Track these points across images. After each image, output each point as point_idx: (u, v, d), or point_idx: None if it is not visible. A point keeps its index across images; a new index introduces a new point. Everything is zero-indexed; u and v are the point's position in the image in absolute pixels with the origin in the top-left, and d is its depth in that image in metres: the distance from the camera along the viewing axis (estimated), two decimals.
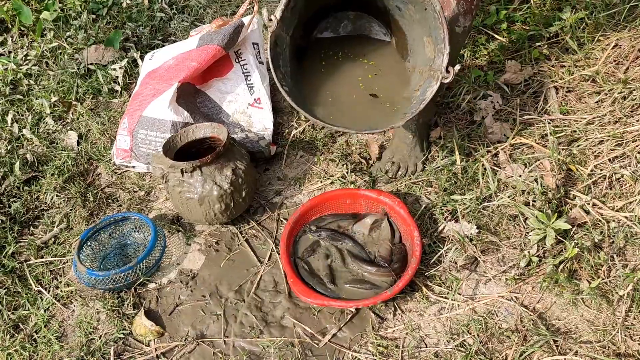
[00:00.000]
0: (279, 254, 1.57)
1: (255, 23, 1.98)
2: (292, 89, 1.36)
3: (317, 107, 1.41)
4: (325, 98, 1.44)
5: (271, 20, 1.25)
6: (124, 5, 2.63)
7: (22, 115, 2.20)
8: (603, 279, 1.33)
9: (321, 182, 1.77)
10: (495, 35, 2.04)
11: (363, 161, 1.80)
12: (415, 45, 1.41)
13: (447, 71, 1.26)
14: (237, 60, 1.94)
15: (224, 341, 1.41)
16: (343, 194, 1.63)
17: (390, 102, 1.44)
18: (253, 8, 1.98)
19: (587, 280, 1.33)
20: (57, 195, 1.86)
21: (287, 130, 1.97)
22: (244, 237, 1.66)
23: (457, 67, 1.26)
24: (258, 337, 1.40)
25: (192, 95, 1.92)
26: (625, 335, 1.24)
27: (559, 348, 1.25)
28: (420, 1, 1.24)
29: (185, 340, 1.42)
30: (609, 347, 1.24)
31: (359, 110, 1.45)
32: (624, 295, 1.28)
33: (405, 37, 1.45)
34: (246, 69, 1.93)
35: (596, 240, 1.38)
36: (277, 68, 1.30)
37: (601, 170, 1.53)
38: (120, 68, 2.30)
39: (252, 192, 1.66)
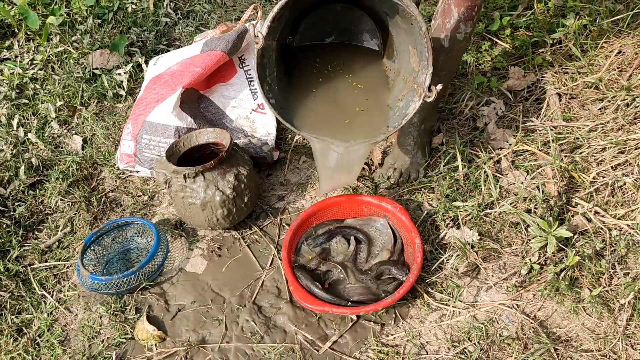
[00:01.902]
0: (280, 260, 1.57)
1: None
2: (279, 98, 1.35)
3: (304, 119, 1.40)
4: (312, 114, 1.43)
5: (257, 36, 1.24)
6: (130, 10, 2.64)
7: (28, 120, 2.22)
8: (604, 287, 1.33)
9: None
10: (499, 42, 2.04)
11: (365, 167, 1.80)
12: (401, 50, 1.40)
13: (430, 90, 1.26)
14: (240, 66, 1.95)
15: (225, 346, 1.42)
16: (345, 200, 1.63)
17: (375, 114, 1.43)
18: (257, 14, 1.98)
19: (588, 289, 1.32)
20: (61, 200, 1.87)
21: (290, 136, 1.98)
22: (246, 242, 1.67)
23: (439, 86, 1.24)
24: (259, 343, 1.41)
25: (195, 101, 1.93)
26: (626, 344, 1.24)
27: (560, 356, 1.25)
28: (407, 16, 1.23)
29: (186, 345, 1.43)
30: (609, 355, 1.23)
31: (345, 124, 1.43)
32: (625, 303, 1.28)
33: (392, 38, 1.44)
34: (250, 75, 1.94)
35: (598, 248, 1.38)
36: (264, 79, 1.30)
37: (603, 177, 1.52)
38: (125, 73, 2.31)
39: (254, 198, 1.66)
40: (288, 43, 1.51)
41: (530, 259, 1.40)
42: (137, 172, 1.93)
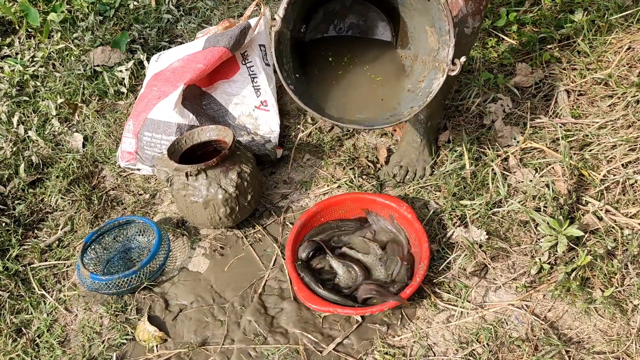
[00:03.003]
0: (284, 259, 1.54)
1: (262, 25, 1.96)
2: (297, 86, 1.34)
3: (324, 105, 1.39)
4: (332, 97, 1.42)
5: (274, 19, 1.23)
6: (131, 6, 2.62)
7: (28, 117, 2.20)
8: (617, 287, 1.29)
9: (328, 186, 1.75)
10: (506, 38, 2.01)
11: (370, 165, 1.77)
12: (416, 34, 1.38)
13: (454, 63, 1.23)
14: (243, 62, 1.92)
15: (228, 348, 1.39)
16: (350, 198, 1.60)
17: (396, 99, 1.43)
18: (260, 10, 1.96)
19: (600, 289, 1.29)
20: (61, 198, 1.85)
21: (293, 133, 1.95)
22: (249, 241, 1.64)
23: (463, 58, 1.22)
24: (262, 344, 1.38)
25: (197, 98, 1.91)
26: (639, 346, 1.21)
27: (572, 358, 1.22)
28: None
29: (188, 346, 1.40)
30: (622, 358, 1.20)
31: (367, 107, 1.43)
32: (638, 304, 1.25)
33: (406, 25, 1.42)
34: (253, 71, 1.91)
35: (609, 248, 1.35)
36: (282, 66, 1.29)
37: (614, 175, 1.49)
38: (126, 70, 2.29)
39: (257, 196, 1.64)
40: (300, 38, 1.50)
41: (540, 259, 1.37)
42: (139, 170, 1.90)
